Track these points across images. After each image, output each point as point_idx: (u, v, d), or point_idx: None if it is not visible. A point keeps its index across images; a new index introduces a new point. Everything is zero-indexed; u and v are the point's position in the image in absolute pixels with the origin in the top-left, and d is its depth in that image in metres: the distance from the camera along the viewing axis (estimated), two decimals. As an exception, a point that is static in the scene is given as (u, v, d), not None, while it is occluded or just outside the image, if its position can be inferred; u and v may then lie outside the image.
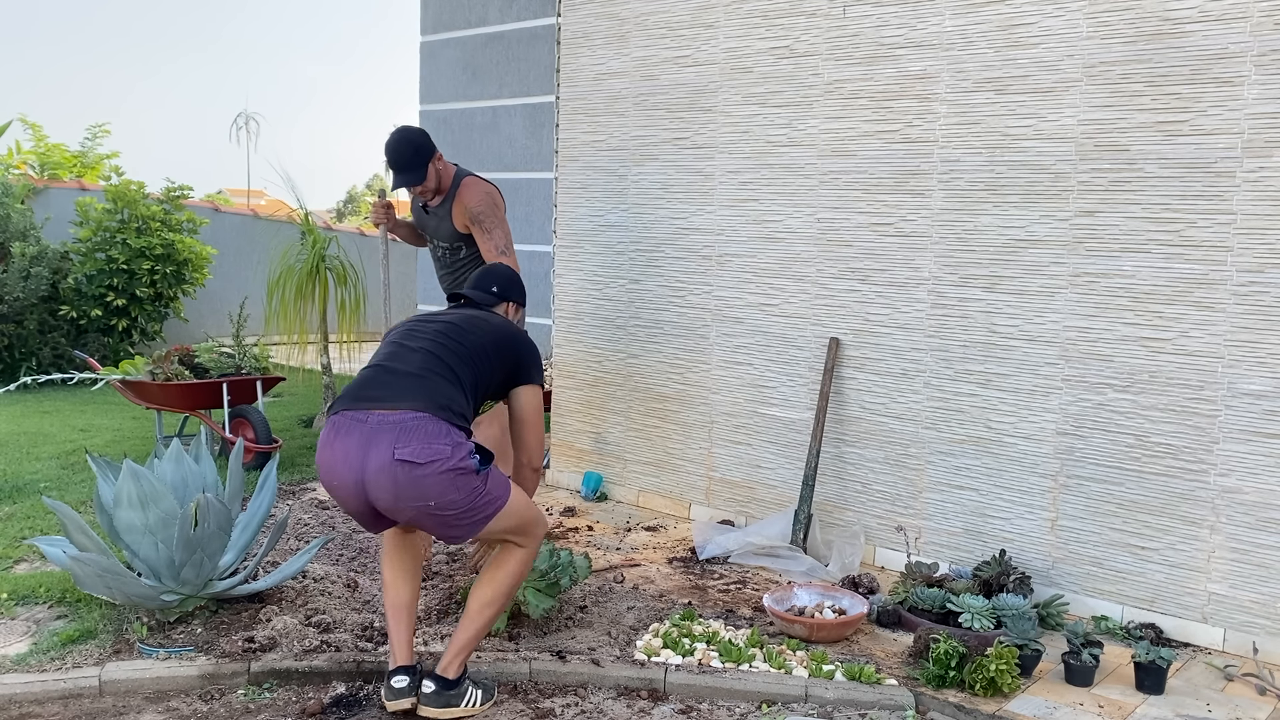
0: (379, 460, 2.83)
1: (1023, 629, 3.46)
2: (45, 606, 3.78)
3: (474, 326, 3.24)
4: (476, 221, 4.43)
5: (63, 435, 6.57)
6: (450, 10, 9.67)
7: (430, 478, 2.82)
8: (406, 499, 2.84)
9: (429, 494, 2.84)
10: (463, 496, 2.88)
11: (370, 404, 2.92)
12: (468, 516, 2.93)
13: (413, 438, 2.83)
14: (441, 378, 3.02)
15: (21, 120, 13.33)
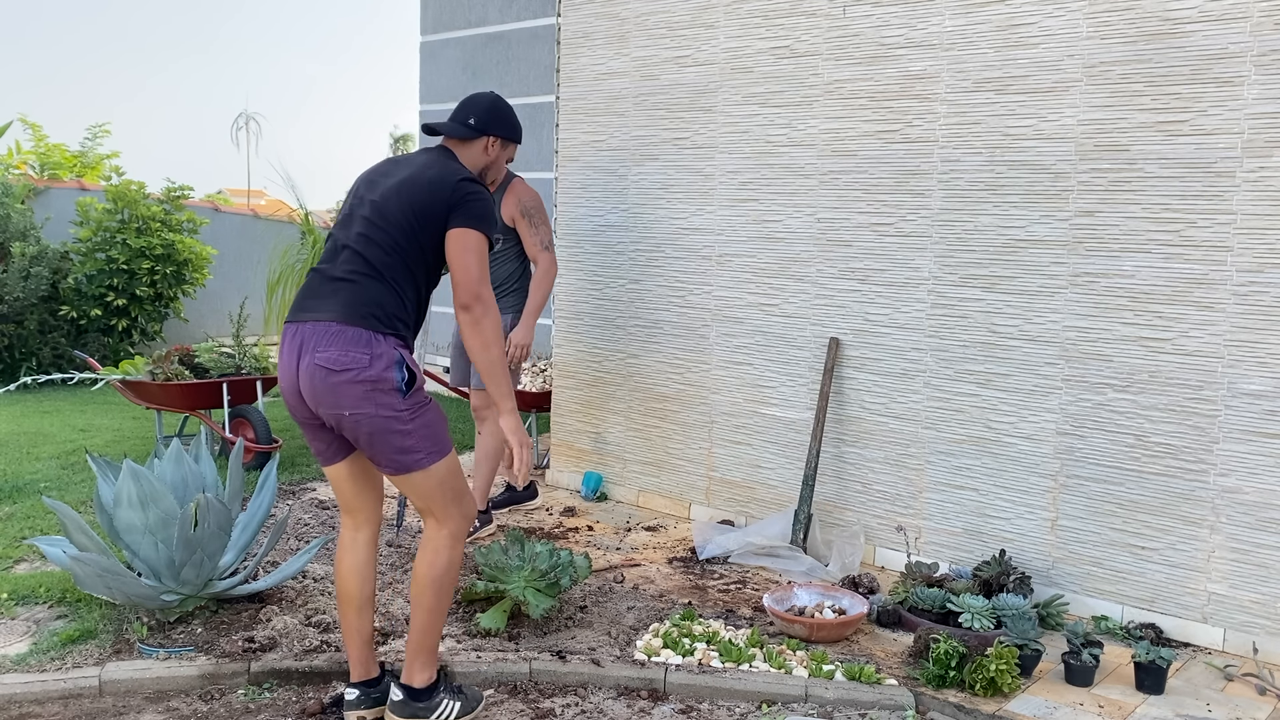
0: (305, 365, 2.80)
1: (1023, 629, 3.46)
2: (45, 606, 3.78)
3: (401, 200, 2.88)
4: (527, 214, 4.67)
5: (63, 435, 6.57)
6: (450, 10, 9.67)
7: (344, 385, 2.75)
8: (325, 405, 2.79)
9: (343, 402, 2.76)
10: (377, 412, 2.76)
11: (304, 314, 2.85)
12: (382, 441, 2.79)
13: (332, 344, 2.77)
14: (367, 277, 2.84)
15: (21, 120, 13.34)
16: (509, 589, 3.64)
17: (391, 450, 2.81)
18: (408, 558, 4.36)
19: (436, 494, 2.89)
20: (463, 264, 2.87)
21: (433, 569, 2.91)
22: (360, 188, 3.01)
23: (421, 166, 2.96)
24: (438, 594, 2.93)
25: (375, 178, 2.99)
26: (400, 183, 2.91)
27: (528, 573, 3.66)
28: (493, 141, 3.17)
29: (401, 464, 2.84)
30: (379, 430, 2.79)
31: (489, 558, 3.75)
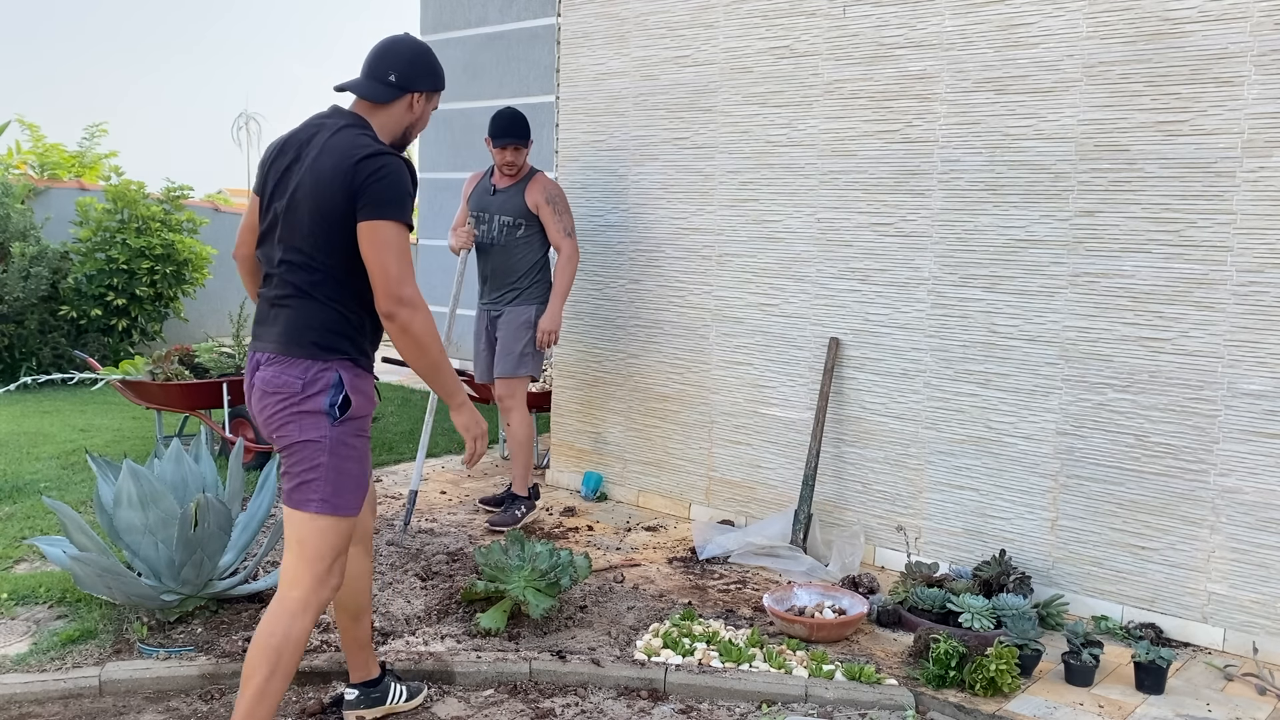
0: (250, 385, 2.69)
1: (1023, 629, 3.46)
2: (45, 606, 3.77)
3: (306, 209, 2.55)
4: (551, 202, 4.83)
5: (63, 435, 6.57)
6: (450, 10, 9.67)
7: (273, 406, 2.58)
8: (260, 423, 2.66)
9: (271, 423, 2.60)
10: (301, 436, 2.54)
11: (256, 341, 2.69)
12: (293, 465, 2.56)
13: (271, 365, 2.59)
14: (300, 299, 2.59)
15: (19, 121, 13.33)
16: (509, 589, 3.64)
17: (293, 476, 2.55)
18: (408, 558, 4.36)
19: (310, 545, 2.54)
20: (378, 263, 2.50)
21: (272, 636, 2.50)
22: (269, 187, 2.67)
23: (320, 158, 2.56)
24: (270, 674, 2.49)
25: (280, 175, 2.64)
26: (300, 187, 2.56)
27: (528, 573, 3.66)
28: (418, 97, 2.72)
29: (294, 496, 2.55)
30: (294, 454, 2.56)
31: (489, 558, 3.75)
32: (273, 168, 2.67)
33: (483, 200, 4.97)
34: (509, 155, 4.82)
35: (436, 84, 2.77)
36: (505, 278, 4.91)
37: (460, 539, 4.64)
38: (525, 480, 4.94)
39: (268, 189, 2.66)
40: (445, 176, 9.87)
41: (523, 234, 4.86)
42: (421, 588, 4.03)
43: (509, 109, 4.88)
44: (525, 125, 4.84)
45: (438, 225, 10.02)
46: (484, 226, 4.94)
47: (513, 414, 4.91)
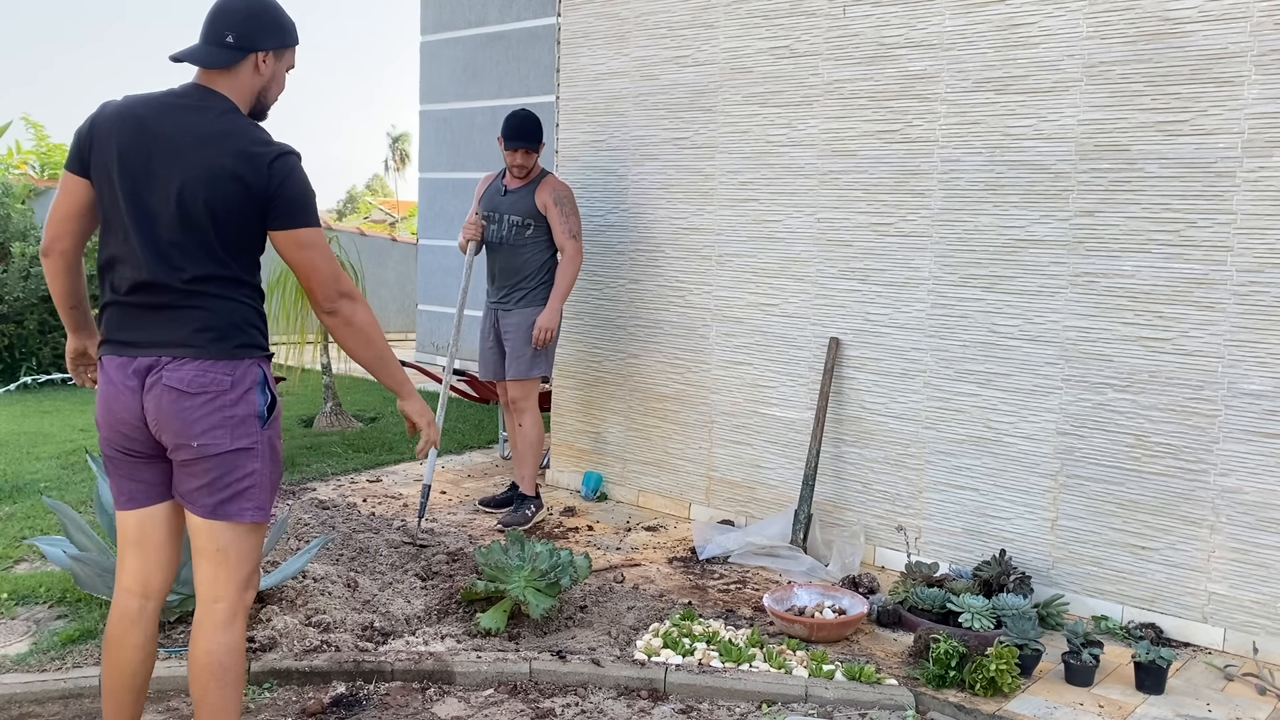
0: (152, 387, 2.37)
1: (1023, 629, 3.46)
2: (45, 606, 3.77)
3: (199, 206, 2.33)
4: (559, 203, 4.85)
5: (63, 435, 6.57)
6: (450, 10, 9.67)
7: (197, 410, 2.35)
8: (169, 432, 2.37)
9: (192, 430, 2.35)
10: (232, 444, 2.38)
11: (136, 347, 2.39)
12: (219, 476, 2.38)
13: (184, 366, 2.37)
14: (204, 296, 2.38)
15: (24, 120, 13.33)
16: (509, 589, 3.64)
17: (222, 488, 2.38)
18: (408, 558, 4.36)
19: (234, 552, 2.42)
20: (308, 265, 2.41)
21: (210, 656, 2.40)
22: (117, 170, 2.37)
23: (206, 147, 2.34)
24: (222, 688, 2.41)
25: (137, 158, 2.36)
26: (189, 180, 2.33)
27: (528, 573, 3.66)
28: (264, 57, 2.45)
29: (223, 509, 2.39)
30: (223, 464, 2.37)
31: (489, 558, 3.75)
32: (119, 148, 2.36)
33: (494, 200, 4.98)
34: (519, 158, 4.85)
35: (284, 39, 2.49)
36: (513, 277, 4.91)
37: (460, 539, 4.64)
38: (534, 480, 4.96)
39: (114, 171, 2.36)
40: (445, 177, 9.88)
41: (531, 234, 4.87)
42: (421, 588, 4.03)
43: (523, 110, 4.90)
44: (537, 129, 4.86)
45: (437, 225, 10.02)
46: (494, 226, 4.95)
47: (525, 415, 4.93)
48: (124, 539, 2.51)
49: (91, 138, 2.40)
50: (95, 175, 2.40)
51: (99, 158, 2.39)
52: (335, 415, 6.96)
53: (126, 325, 2.40)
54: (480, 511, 5.11)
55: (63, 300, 2.57)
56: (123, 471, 2.47)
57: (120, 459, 2.46)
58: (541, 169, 4.98)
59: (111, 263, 2.42)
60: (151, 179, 2.34)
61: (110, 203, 2.39)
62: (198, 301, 2.37)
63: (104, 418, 2.43)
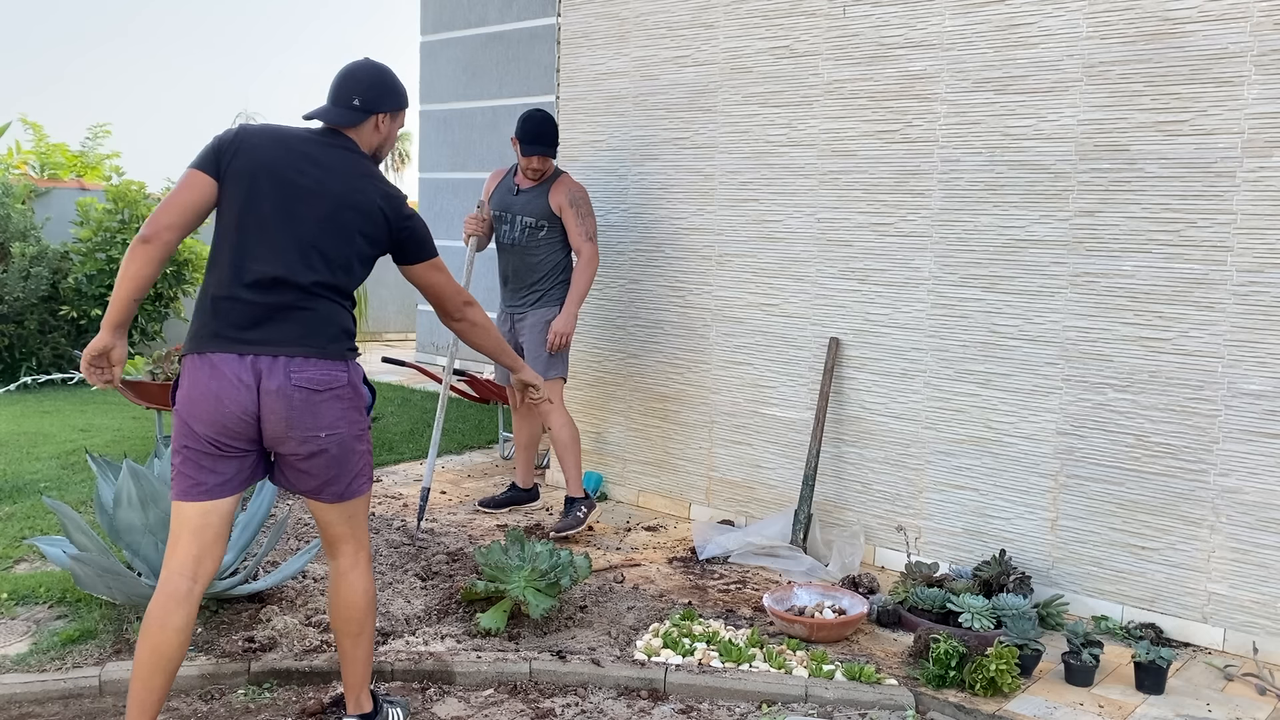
0: (275, 388, 2.60)
1: (1023, 629, 3.46)
2: (45, 606, 3.77)
3: (336, 226, 2.68)
4: (574, 204, 4.75)
5: (63, 435, 6.57)
6: (450, 10, 9.67)
7: (326, 404, 2.64)
8: (299, 428, 2.62)
9: (321, 422, 2.64)
10: (349, 431, 2.70)
11: (253, 345, 2.61)
12: (343, 463, 2.71)
13: (305, 367, 2.63)
14: (321, 300, 2.68)
15: (22, 120, 13.32)
16: (509, 589, 3.64)
17: (346, 473, 2.73)
18: (408, 558, 4.36)
19: (361, 520, 2.84)
20: (442, 284, 2.93)
21: (367, 595, 2.85)
22: (260, 181, 2.65)
23: (354, 182, 2.72)
24: (374, 619, 2.91)
25: (283, 174, 2.67)
26: (329, 200, 2.67)
27: (528, 573, 3.66)
28: (383, 118, 2.85)
29: (351, 489, 2.77)
30: (345, 451, 2.71)
31: (489, 558, 3.75)
32: (271, 161, 2.66)
33: (505, 200, 4.88)
34: (535, 163, 4.75)
35: (399, 103, 2.88)
36: (526, 279, 4.85)
37: (460, 539, 4.64)
38: (579, 481, 4.83)
39: (263, 179, 2.64)
40: (445, 177, 9.88)
41: (545, 235, 4.79)
42: (421, 588, 4.03)
43: (539, 112, 4.77)
44: (554, 134, 4.76)
45: (437, 225, 10.00)
46: (505, 227, 4.86)
47: (551, 417, 4.79)
48: (183, 525, 2.66)
49: (237, 147, 2.67)
50: (232, 180, 2.65)
51: (242, 165, 2.66)
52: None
53: (240, 322, 2.61)
54: (480, 512, 5.11)
55: (134, 291, 2.63)
56: (206, 464, 2.64)
57: (211, 453, 2.63)
58: (555, 167, 4.88)
59: (239, 259, 2.63)
60: (303, 191, 2.66)
61: (251, 205, 2.64)
62: (318, 305, 2.67)
63: (205, 412, 2.59)
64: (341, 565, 2.84)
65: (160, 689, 2.63)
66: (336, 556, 2.84)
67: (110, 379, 2.70)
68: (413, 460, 6.08)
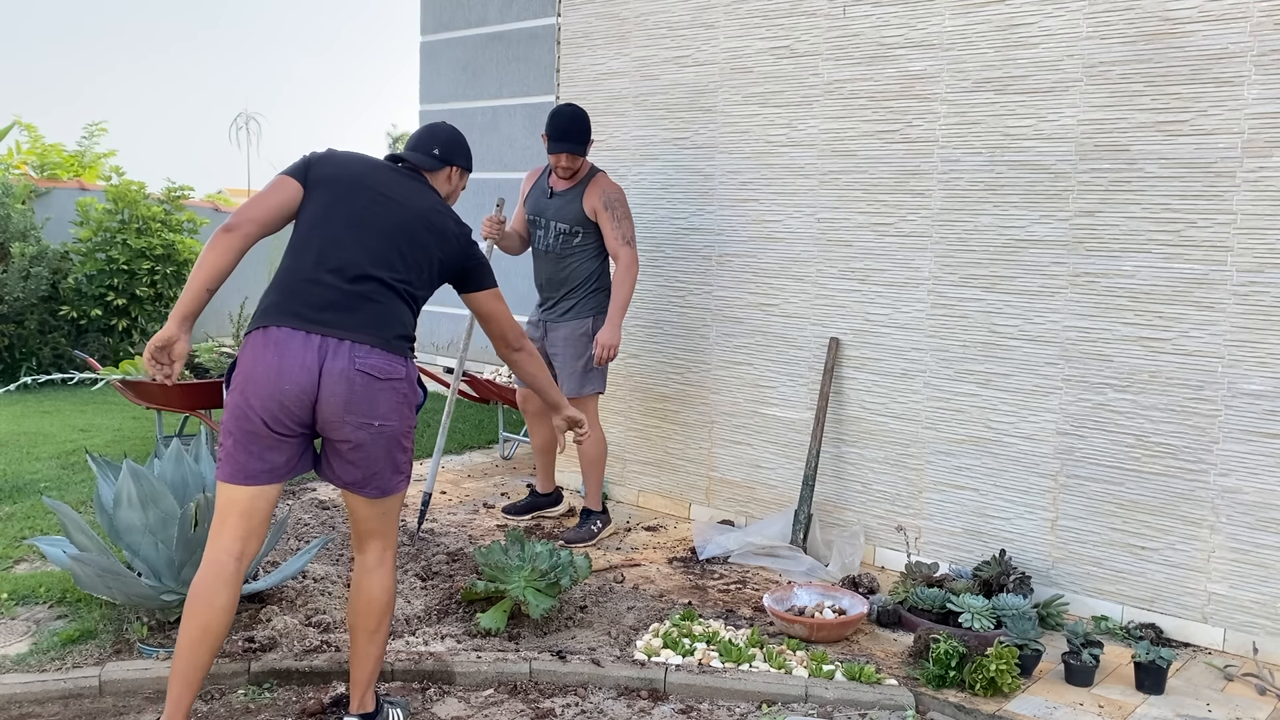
0: (339, 370, 2.68)
1: (1023, 629, 3.46)
2: (45, 606, 3.77)
3: (421, 237, 2.89)
4: (610, 206, 4.52)
5: (63, 435, 6.57)
6: (450, 10, 9.67)
7: (385, 393, 2.74)
8: (356, 413, 2.70)
9: (378, 410, 2.73)
10: (400, 424, 2.80)
11: (323, 326, 2.70)
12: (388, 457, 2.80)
13: (371, 354, 2.72)
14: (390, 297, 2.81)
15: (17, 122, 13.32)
16: (509, 589, 3.64)
17: (389, 468, 2.82)
18: (408, 558, 4.36)
19: (394, 518, 2.93)
20: (504, 317, 3.11)
21: (389, 592, 2.92)
22: (345, 189, 2.87)
23: (434, 208, 2.98)
24: (390, 618, 2.96)
25: (370, 188, 2.89)
26: (424, 221, 2.92)
27: (528, 573, 3.66)
28: (454, 171, 3.17)
29: (392, 484, 2.85)
30: (392, 446, 2.80)
31: (489, 558, 3.75)
32: (363, 174, 2.92)
33: (539, 204, 4.66)
34: (564, 161, 4.51)
35: (469, 164, 3.23)
36: (560, 288, 4.65)
37: (460, 539, 4.64)
38: (599, 494, 4.80)
39: (356, 186, 2.88)
40: (445, 176, 9.87)
41: (580, 242, 4.58)
42: (421, 588, 4.03)
43: (569, 107, 4.56)
44: (584, 129, 4.52)
45: (438, 225, 10.02)
46: (539, 232, 4.65)
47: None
48: (230, 508, 2.76)
49: (326, 160, 2.93)
50: (323, 185, 2.86)
51: (333, 172, 2.89)
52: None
53: (321, 305, 2.72)
54: (480, 511, 5.11)
55: (210, 279, 2.74)
56: (255, 451, 2.71)
57: (262, 435, 2.69)
58: (591, 166, 4.65)
59: (326, 246, 2.78)
60: (391, 201, 2.89)
61: (343, 202, 2.83)
62: (391, 301, 2.80)
63: (264, 387, 2.66)
64: (369, 561, 2.90)
65: (205, 665, 2.72)
66: (365, 552, 2.90)
67: (170, 374, 2.76)
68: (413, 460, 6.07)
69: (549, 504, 5.06)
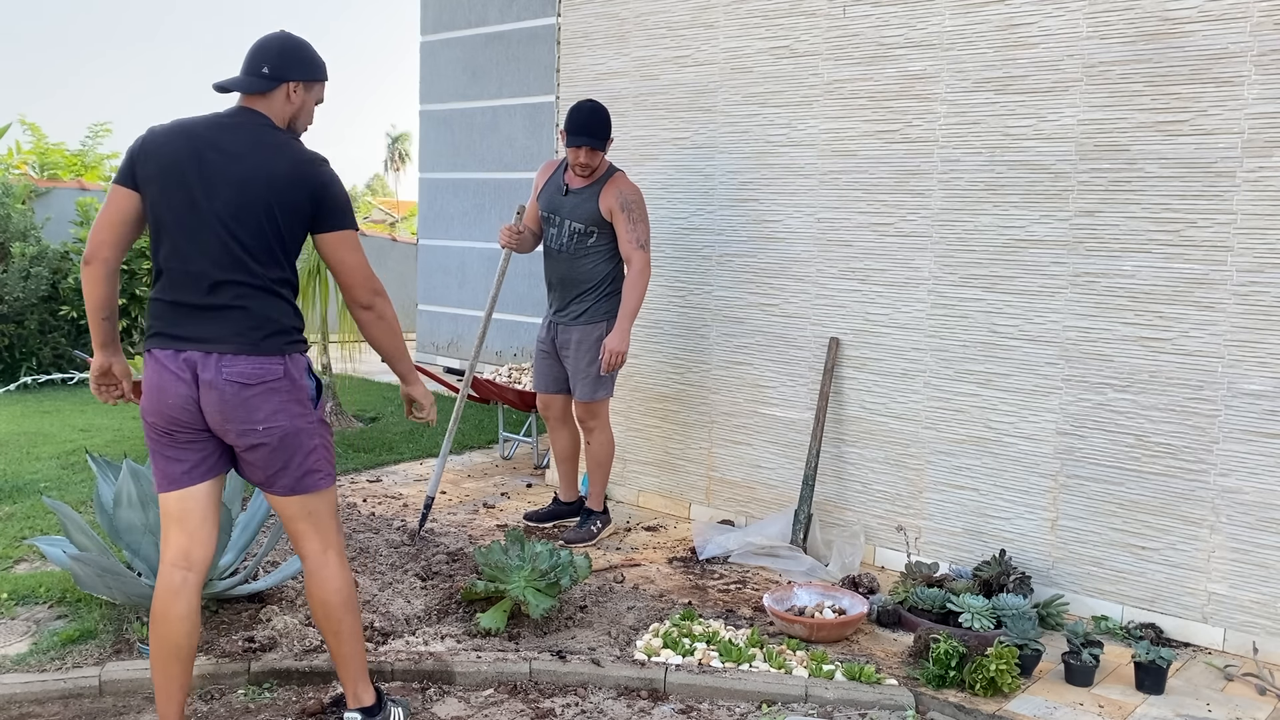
0: (209, 380, 2.63)
1: (1023, 629, 3.46)
2: (45, 606, 3.78)
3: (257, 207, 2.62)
4: (626, 208, 4.42)
5: (63, 435, 6.57)
6: (450, 10, 9.67)
7: (258, 397, 2.65)
8: (234, 421, 2.65)
9: (256, 416, 2.65)
10: (291, 423, 2.69)
11: (188, 342, 2.65)
12: (289, 457, 2.71)
13: (236, 362, 2.64)
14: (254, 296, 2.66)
15: (21, 121, 13.32)
16: (509, 589, 3.64)
17: (294, 466, 2.73)
18: (408, 558, 4.36)
19: (324, 517, 2.83)
20: (350, 264, 2.75)
21: (339, 594, 2.84)
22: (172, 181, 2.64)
23: (256, 156, 2.65)
24: (354, 614, 2.88)
25: (194, 170, 2.64)
26: (246, 186, 2.63)
27: (528, 573, 3.66)
28: (294, 87, 2.78)
29: (304, 484, 2.76)
30: (288, 444, 2.70)
31: (489, 558, 3.75)
32: (177, 159, 2.63)
33: (554, 201, 4.55)
34: (582, 157, 4.40)
35: (312, 73, 2.82)
36: (573, 290, 4.55)
37: (460, 539, 4.64)
38: (602, 496, 4.79)
39: (172, 179, 2.63)
40: (445, 177, 9.88)
41: (594, 243, 4.48)
42: (421, 588, 4.03)
43: (590, 102, 4.46)
44: (604, 123, 4.43)
45: (438, 225, 10.02)
46: (553, 230, 4.55)
47: (593, 434, 4.69)
48: (166, 517, 2.77)
49: (144, 154, 2.68)
50: (147, 187, 2.67)
51: (152, 170, 2.66)
52: (335, 415, 6.96)
53: (178, 321, 2.67)
54: (480, 511, 5.11)
55: (97, 309, 2.78)
56: (168, 454, 2.72)
57: (167, 442, 2.71)
58: (609, 165, 4.55)
59: (167, 263, 2.68)
60: (210, 185, 2.63)
61: (166, 210, 2.65)
62: (248, 302, 2.65)
63: (153, 402, 2.69)
64: (309, 564, 2.84)
65: (178, 676, 2.76)
66: (303, 555, 2.85)
67: (121, 394, 2.84)
68: (413, 460, 6.08)
69: (571, 513, 4.94)
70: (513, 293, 8.47)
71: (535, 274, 7.81)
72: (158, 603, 2.75)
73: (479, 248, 9.54)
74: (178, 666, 2.76)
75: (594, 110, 4.43)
